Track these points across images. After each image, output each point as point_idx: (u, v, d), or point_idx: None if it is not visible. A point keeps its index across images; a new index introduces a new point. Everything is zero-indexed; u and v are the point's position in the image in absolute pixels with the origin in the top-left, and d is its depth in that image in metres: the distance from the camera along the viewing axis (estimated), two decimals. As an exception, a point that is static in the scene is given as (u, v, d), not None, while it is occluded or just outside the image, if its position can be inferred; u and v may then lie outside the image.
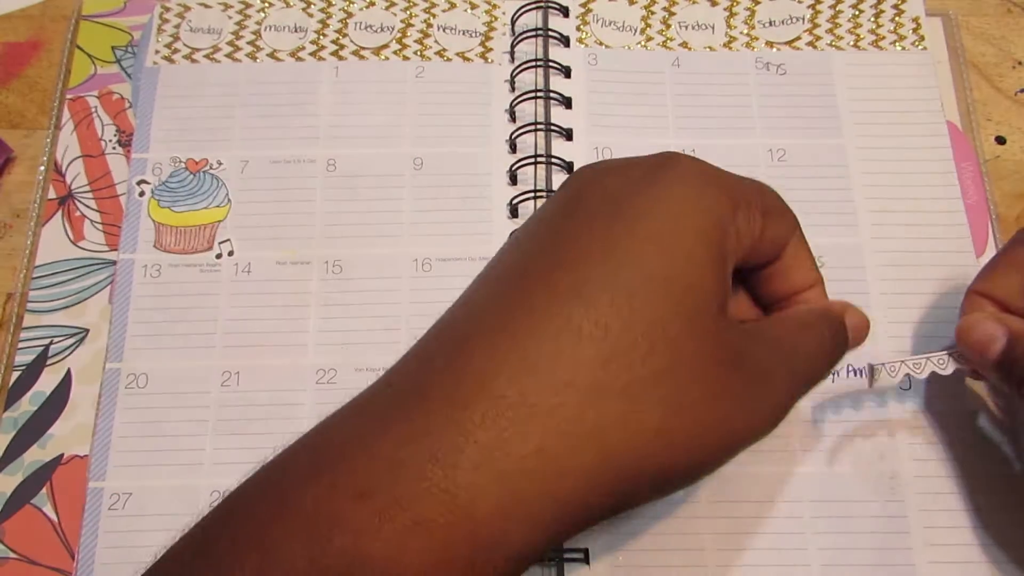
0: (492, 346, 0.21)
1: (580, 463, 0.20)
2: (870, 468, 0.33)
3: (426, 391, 0.21)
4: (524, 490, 0.20)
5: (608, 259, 0.21)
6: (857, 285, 0.36)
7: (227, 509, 0.21)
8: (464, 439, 0.20)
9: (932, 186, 0.37)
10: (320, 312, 0.35)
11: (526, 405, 0.20)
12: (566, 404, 0.20)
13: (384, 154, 0.38)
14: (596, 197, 0.23)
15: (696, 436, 0.21)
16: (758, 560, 0.32)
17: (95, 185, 0.38)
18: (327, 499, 0.19)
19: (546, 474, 0.20)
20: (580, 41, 0.40)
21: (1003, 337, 0.29)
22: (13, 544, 0.32)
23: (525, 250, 0.23)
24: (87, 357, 0.35)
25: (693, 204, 0.22)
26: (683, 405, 0.21)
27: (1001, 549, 0.32)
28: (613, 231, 0.22)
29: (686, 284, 0.21)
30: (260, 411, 0.34)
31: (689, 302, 0.21)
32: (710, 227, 0.22)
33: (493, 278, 0.23)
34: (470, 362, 0.21)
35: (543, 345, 0.20)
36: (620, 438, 0.20)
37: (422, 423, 0.20)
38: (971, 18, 0.42)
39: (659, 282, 0.21)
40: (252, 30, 0.41)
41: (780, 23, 0.41)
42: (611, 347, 0.20)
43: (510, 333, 0.21)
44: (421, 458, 0.19)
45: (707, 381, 0.21)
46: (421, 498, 0.19)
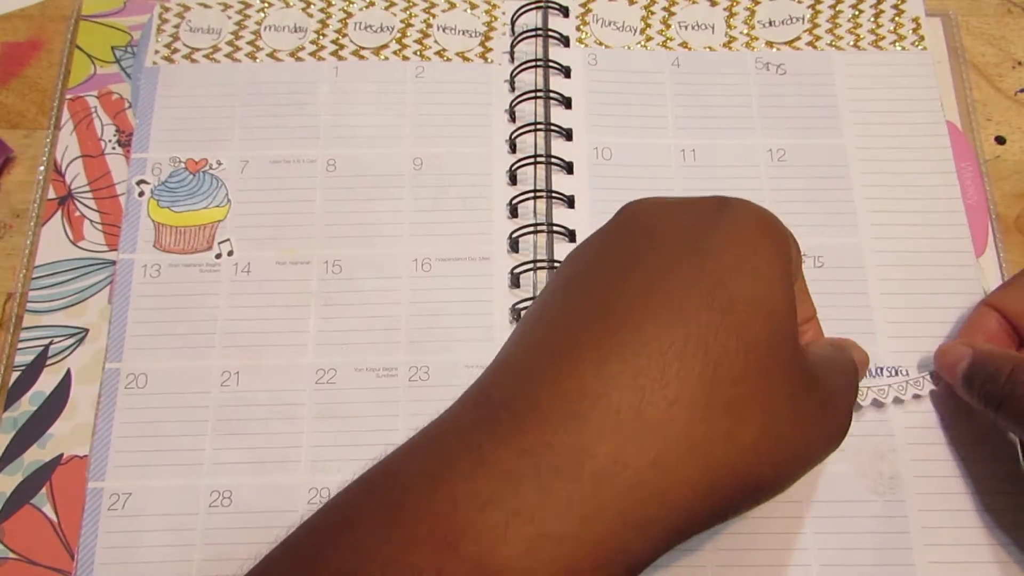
0: (602, 362, 0.21)
1: (689, 476, 0.21)
2: (870, 468, 0.33)
3: (537, 403, 0.21)
4: (642, 502, 0.20)
5: (699, 284, 0.22)
6: (856, 285, 0.36)
7: (339, 518, 0.22)
8: (584, 453, 0.20)
9: (932, 186, 0.37)
10: (320, 312, 0.35)
11: (642, 419, 0.21)
12: (676, 420, 0.21)
13: (384, 154, 0.38)
14: (671, 230, 0.24)
15: (783, 453, 0.23)
16: (758, 560, 0.32)
17: (95, 185, 0.38)
18: (451, 509, 0.20)
19: (661, 486, 0.21)
20: (580, 41, 0.40)
21: (967, 357, 0.32)
22: (13, 544, 0.32)
23: (605, 273, 0.24)
24: (87, 357, 0.35)
25: (766, 237, 0.25)
26: (772, 424, 0.22)
27: (1001, 549, 0.32)
28: (700, 260, 0.23)
29: (770, 308, 0.23)
30: (260, 411, 0.34)
31: (773, 326, 0.23)
32: (780, 258, 0.24)
33: (573, 297, 0.24)
34: (582, 377, 0.21)
35: (651, 362, 0.21)
36: (723, 453, 0.21)
37: (537, 435, 0.21)
38: (971, 18, 0.42)
39: (746, 306, 0.22)
40: (252, 30, 0.41)
41: (780, 23, 0.41)
42: (713, 366, 0.21)
43: (617, 351, 0.21)
44: (543, 470, 0.20)
45: (792, 402, 0.23)
46: (545, 510, 0.20)
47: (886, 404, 0.33)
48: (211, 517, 0.32)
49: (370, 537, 0.20)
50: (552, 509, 0.20)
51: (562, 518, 0.20)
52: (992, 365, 0.31)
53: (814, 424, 0.24)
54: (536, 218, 0.37)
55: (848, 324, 0.34)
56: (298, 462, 0.33)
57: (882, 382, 0.34)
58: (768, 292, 0.23)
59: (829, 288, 0.35)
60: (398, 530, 0.20)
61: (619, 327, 0.22)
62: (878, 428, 0.33)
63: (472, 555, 0.19)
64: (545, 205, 0.37)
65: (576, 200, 0.37)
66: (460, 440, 0.22)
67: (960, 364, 0.32)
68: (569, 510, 0.20)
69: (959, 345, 0.33)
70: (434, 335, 0.35)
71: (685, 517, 0.21)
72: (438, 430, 0.23)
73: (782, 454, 0.23)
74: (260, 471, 0.33)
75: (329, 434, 0.33)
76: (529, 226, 0.36)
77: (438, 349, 0.35)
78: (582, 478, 0.20)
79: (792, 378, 0.23)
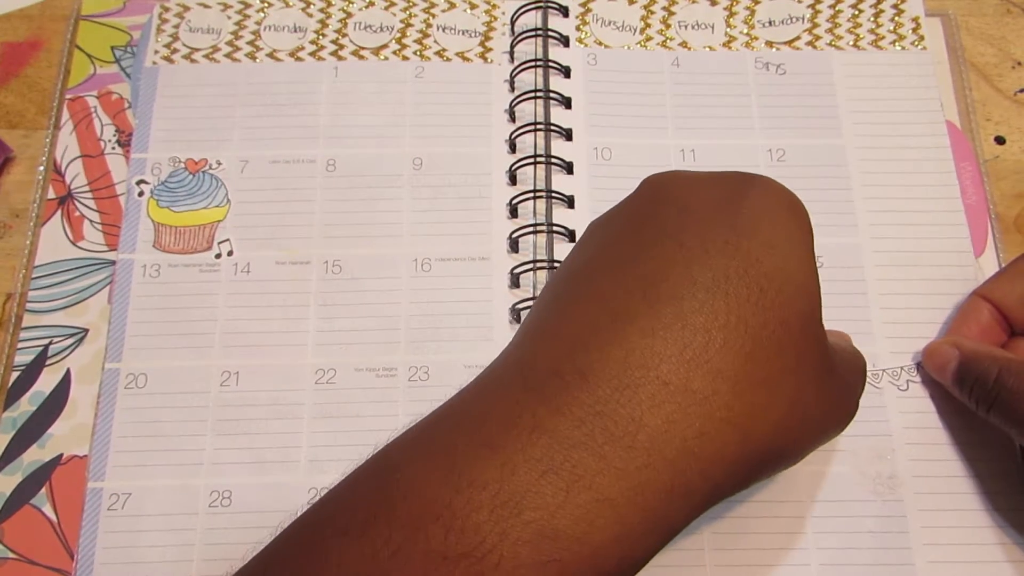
0: (647, 333, 0.22)
1: (727, 447, 0.22)
2: (869, 468, 0.33)
3: (588, 373, 0.21)
4: (686, 471, 0.21)
5: (736, 260, 0.23)
6: (856, 285, 0.36)
7: (390, 478, 0.22)
8: (637, 423, 0.21)
9: (931, 186, 0.37)
10: (319, 312, 0.35)
11: (689, 391, 0.21)
12: (719, 392, 0.21)
13: (383, 154, 0.38)
14: (701, 201, 0.25)
15: (805, 428, 0.24)
16: (757, 560, 0.32)
17: (94, 185, 0.38)
18: (511, 475, 0.20)
19: (704, 457, 0.21)
20: (580, 41, 0.40)
21: (956, 359, 0.32)
22: (12, 544, 0.32)
23: (639, 245, 0.24)
24: (86, 357, 0.35)
25: (794, 216, 0.25)
26: (800, 400, 0.23)
27: (1000, 549, 0.32)
28: (736, 236, 0.23)
29: (802, 286, 0.23)
30: (259, 411, 0.34)
31: (803, 304, 0.23)
32: (807, 236, 0.25)
33: (607, 268, 0.24)
34: (630, 348, 0.22)
35: (697, 336, 0.22)
36: (758, 426, 0.22)
37: (591, 405, 0.21)
38: (971, 18, 0.42)
39: (782, 283, 0.23)
40: (251, 30, 0.41)
41: (780, 23, 0.41)
42: (753, 341, 0.22)
43: (663, 323, 0.22)
44: (599, 439, 0.21)
45: (817, 381, 0.24)
46: (601, 476, 0.20)
47: (881, 388, 0.34)
48: (211, 517, 0.32)
49: (430, 499, 0.20)
50: (609, 476, 0.20)
51: (618, 485, 0.20)
52: (979, 367, 0.31)
53: (833, 404, 0.25)
54: (536, 218, 0.37)
55: (847, 324, 0.34)
56: (298, 462, 0.33)
57: (878, 366, 0.34)
58: (799, 269, 0.24)
59: (828, 288, 0.35)
60: (460, 494, 0.20)
61: (662, 299, 0.22)
62: (877, 428, 0.33)
63: (534, 520, 0.20)
64: (545, 205, 0.37)
65: (576, 200, 0.37)
66: (510, 408, 0.22)
67: (949, 366, 0.32)
68: (625, 477, 0.21)
69: (946, 346, 0.33)
70: (434, 335, 0.35)
71: (719, 485, 0.22)
72: (484, 398, 0.23)
73: (804, 430, 0.24)
74: (260, 471, 0.33)
75: (329, 434, 0.33)
76: (529, 226, 0.36)
77: (438, 349, 0.35)
78: (636, 446, 0.21)
79: (820, 357, 0.24)
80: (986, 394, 0.30)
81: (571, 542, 0.20)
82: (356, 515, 0.21)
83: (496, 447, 0.21)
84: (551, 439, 0.21)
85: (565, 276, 0.26)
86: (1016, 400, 0.30)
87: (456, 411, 0.23)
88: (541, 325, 0.24)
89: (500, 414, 0.22)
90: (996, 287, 0.33)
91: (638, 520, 0.21)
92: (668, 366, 0.21)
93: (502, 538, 0.20)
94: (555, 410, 0.21)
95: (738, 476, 0.23)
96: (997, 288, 0.33)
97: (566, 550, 0.20)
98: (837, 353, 0.26)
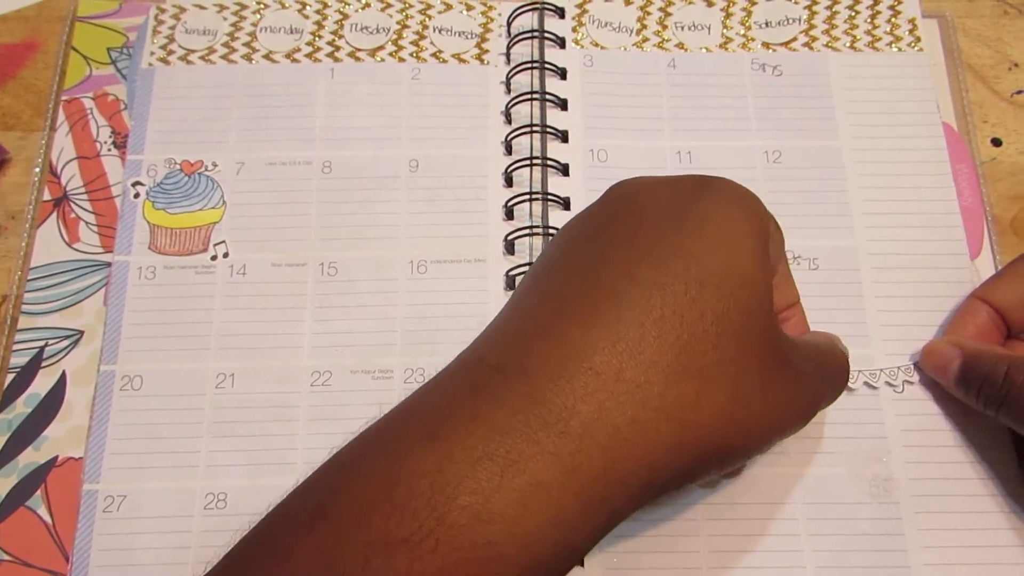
0: (585, 327, 0.23)
1: (662, 435, 0.23)
2: (865, 470, 0.33)
3: (527, 367, 0.23)
4: (621, 457, 0.22)
5: (679, 256, 0.24)
6: (851, 287, 0.36)
7: (340, 473, 0.23)
8: (569, 411, 0.22)
9: (928, 188, 0.37)
10: (315, 314, 0.35)
11: (621, 381, 0.22)
12: (652, 382, 0.23)
13: (380, 156, 0.38)
14: (655, 206, 0.26)
15: (750, 422, 0.24)
16: (753, 562, 0.32)
17: (90, 187, 0.38)
18: (450, 463, 0.21)
19: (638, 443, 0.22)
20: (576, 43, 0.40)
21: (958, 359, 0.32)
22: (7, 546, 0.32)
23: (594, 247, 0.26)
24: (82, 359, 0.35)
25: (744, 213, 0.26)
26: (742, 393, 0.24)
27: (996, 551, 0.32)
28: (680, 236, 0.25)
29: (745, 281, 0.24)
30: (255, 413, 0.34)
31: (748, 298, 0.24)
32: (757, 234, 0.26)
33: (564, 269, 0.26)
34: (566, 342, 0.23)
35: (631, 330, 0.23)
36: (694, 415, 0.23)
37: (527, 395, 0.22)
38: (967, 20, 0.41)
39: (724, 277, 0.24)
40: (248, 31, 0.41)
41: (776, 24, 0.41)
42: (688, 333, 0.23)
43: (600, 318, 0.23)
44: (533, 425, 0.22)
45: (761, 374, 0.24)
46: (534, 461, 0.21)
47: (878, 388, 0.34)
48: (206, 519, 0.32)
49: (374, 490, 0.21)
50: (542, 460, 0.21)
51: (551, 469, 0.21)
52: (986, 366, 0.31)
53: (785, 399, 0.25)
54: (532, 220, 0.37)
55: (843, 327, 0.34)
56: (293, 464, 0.33)
57: (874, 367, 0.34)
58: (744, 265, 0.24)
59: (824, 291, 0.35)
60: (401, 486, 0.21)
61: (604, 297, 0.24)
62: (873, 431, 0.33)
63: (469, 504, 0.21)
64: (541, 207, 0.37)
65: (572, 202, 0.37)
66: (456, 402, 0.23)
67: (951, 366, 0.32)
68: (557, 461, 0.21)
69: (947, 346, 0.33)
70: (429, 337, 0.35)
71: (658, 473, 0.23)
72: (433, 393, 0.24)
73: (750, 422, 0.24)
74: (255, 473, 0.33)
75: (324, 436, 0.33)
76: (525, 228, 0.36)
77: (433, 351, 0.35)
78: (568, 432, 0.22)
79: (765, 350, 0.25)
80: (995, 393, 0.30)
81: (506, 524, 0.21)
82: (306, 512, 0.22)
83: (437, 438, 0.22)
84: (488, 428, 0.22)
85: (527, 280, 0.27)
86: None
87: (407, 408, 0.24)
88: (496, 324, 0.26)
89: (445, 408, 0.23)
90: (995, 289, 0.33)
91: (573, 504, 0.22)
92: (601, 357, 0.22)
93: (439, 522, 0.20)
94: (494, 401, 0.22)
95: (678, 466, 0.23)
96: (996, 290, 0.33)
97: (501, 532, 0.21)
98: (799, 349, 0.27)
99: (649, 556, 0.31)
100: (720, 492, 0.32)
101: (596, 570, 0.31)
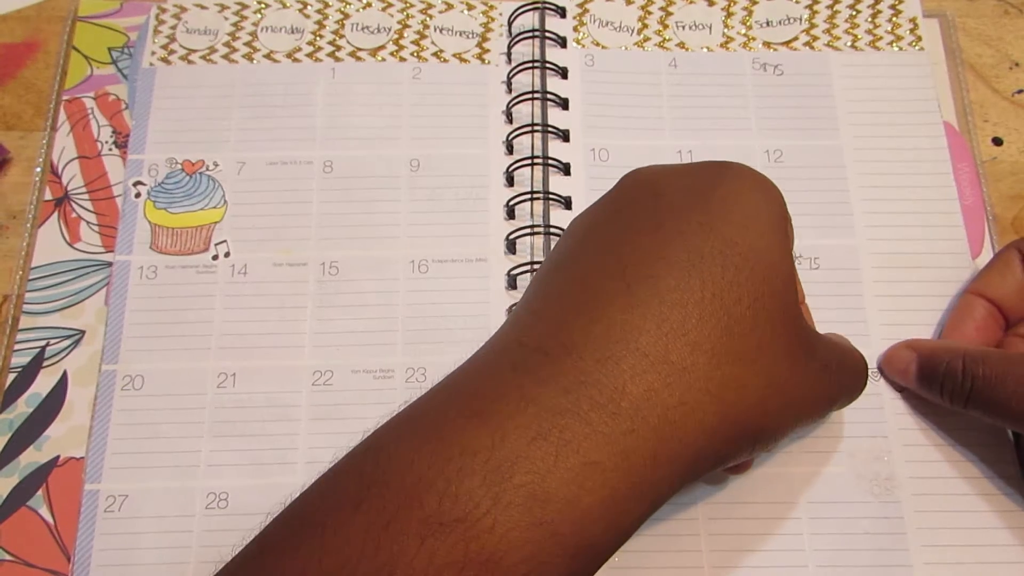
0: (625, 309, 0.23)
1: (706, 417, 0.22)
2: (866, 469, 0.33)
3: (572, 348, 0.22)
4: (669, 439, 0.22)
5: (710, 240, 0.24)
6: (852, 287, 0.36)
7: (383, 452, 0.22)
8: (619, 391, 0.22)
9: (929, 187, 0.37)
10: (316, 313, 0.35)
11: (668, 363, 0.22)
12: (698, 364, 0.22)
13: (381, 155, 0.38)
14: (676, 188, 0.26)
15: (781, 407, 0.24)
16: (755, 561, 0.32)
17: (91, 186, 0.38)
18: (502, 442, 0.21)
19: (684, 425, 0.22)
20: (577, 42, 0.40)
21: (914, 362, 0.33)
22: (9, 546, 0.32)
23: (616, 231, 0.25)
24: (83, 359, 0.35)
25: (766, 197, 0.26)
26: (775, 378, 0.24)
27: (997, 549, 0.32)
28: (709, 218, 0.24)
29: (775, 264, 0.24)
30: (256, 413, 0.34)
31: (778, 282, 0.24)
32: (781, 219, 0.26)
33: (587, 254, 0.25)
34: (610, 323, 0.23)
35: (674, 311, 0.23)
36: (737, 398, 0.23)
37: (575, 376, 0.22)
38: (968, 19, 0.41)
39: (755, 262, 0.24)
40: (248, 31, 0.41)
41: (777, 23, 0.41)
42: (728, 316, 0.23)
43: (639, 300, 0.23)
44: (585, 406, 0.21)
45: (792, 361, 0.24)
46: (588, 441, 0.21)
47: (878, 383, 0.34)
48: (207, 519, 0.32)
49: (424, 467, 0.21)
50: (596, 441, 0.21)
51: (605, 449, 0.21)
52: (942, 363, 0.31)
53: (812, 385, 0.25)
54: (533, 220, 0.37)
55: (844, 326, 0.34)
56: (295, 464, 0.33)
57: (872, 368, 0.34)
58: (772, 249, 0.24)
59: (825, 290, 0.35)
60: (452, 463, 0.21)
61: (640, 279, 0.23)
62: (874, 430, 0.33)
63: (525, 483, 0.20)
64: (542, 207, 0.37)
65: (573, 201, 0.37)
66: (499, 383, 0.22)
67: (909, 369, 0.33)
68: (611, 442, 0.21)
69: (903, 350, 0.33)
70: (431, 337, 0.35)
71: (700, 456, 0.23)
72: (469, 377, 0.24)
73: (782, 408, 0.24)
74: (256, 473, 0.33)
75: (326, 436, 0.33)
76: (526, 227, 0.36)
77: (435, 351, 0.35)
78: (620, 413, 0.21)
79: (794, 338, 0.24)
80: (959, 389, 0.30)
81: (562, 504, 0.20)
82: (348, 492, 0.21)
83: (486, 417, 0.21)
84: (539, 407, 0.21)
85: (549, 268, 0.26)
86: (991, 387, 0.29)
87: (445, 391, 0.24)
88: (526, 310, 0.25)
89: (488, 389, 0.22)
90: (987, 282, 0.33)
91: (625, 485, 0.21)
92: (647, 339, 0.22)
93: (495, 502, 0.20)
94: (541, 381, 0.22)
95: (718, 449, 0.23)
96: (988, 283, 0.33)
97: (557, 512, 0.20)
98: (823, 340, 0.27)
99: (651, 555, 0.31)
100: (722, 491, 0.32)
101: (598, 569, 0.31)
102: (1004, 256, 0.33)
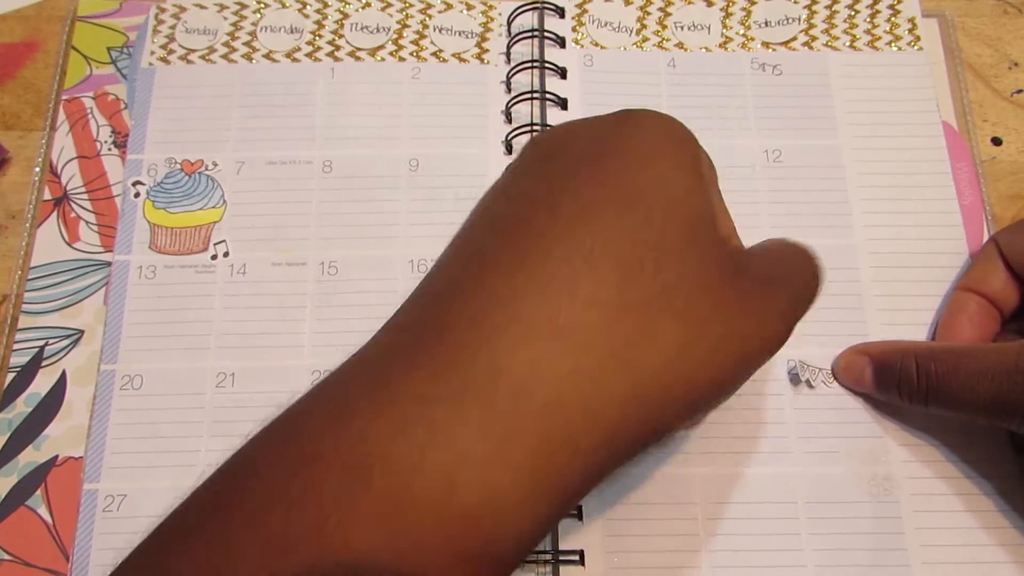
0: (507, 273, 0.20)
1: (612, 383, 0.20)
2: (864, 469, 0.33)
3: (444, 326, 0.20)
4: (564, 416, 0.19)
5: (602, 186, 0.22)
6: (851, 287, 0.36)
7: (243, 468, 0.20)
8: (497, 370, 0.19)
9: (928, 187, 0.37)
10: (315, 313, 0.35)
11: (555, 327, 0.19)
12: (591, 322, 0.20)
13: (380, 155, 0.38)
14: (577, 144, 0.24)
15: (713, 350, 0.21)
16: (753, 561, 0.32)
17: (90, 186, 0.38)
18: (360, 443, 0.19)
19: (583, 396, 0.19)
20: (576, 42, 0.40)
21: (868, 366, 0.32)
22: (7, 546, 0.32)
23: (514, 194, 0.23)
24: (82, 358, 0.35)
25: (668, 139, 0.23)
26: (696, 317, 0.21)
27: (995, 549, 0.32)
28: (600, 166, 0.22)
29: (677, 201, 0.22)
30: (255, 413, 0.33)
31: (682, 215, 0.22)
32: (686, 156, 0.23)
33: (480, 226, 0.23)
34: (490, 297, 0.20)
35: (560, 268, 0.20)
36: (646, 356, 0.20)
37: (447, 357, 0.19)
38: (967, 19, 0.42)
39: (654, 202, 0.21)
40: (248, 31, 0.41)
41: (776, 24, 0.41)
42: (623, 264, 0.20)
43: (523, 263, 0.21)
44: (456, 391, 0.19)
45: (713, 290, 0.21)
46: (461, 432, 0.18)
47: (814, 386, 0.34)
48: (206, 518, 0.32)
49: (272, 485, 0.19)
50: (468, 430, 0.18)
51: (479, 440, 0.18)
52: (895, 365, 0.31)
53: (746, 314, 0.22)
54: (532, 219, 0.37)
55: (842, 326, 0.35)
56: (293, 463, 0.33)
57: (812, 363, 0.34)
58: (675, 186, 0.22)
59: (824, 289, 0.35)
60: (299, 475, 0.19)
61: (523, 241, 0.21)
62: (871, 430, 0.33)
63: (385, 489, 0.18)
64: (541, 206, 0.37)
65: (572, 201, 0.37)
66: (367, 373, 0.20)
67: (864, 375, 0.32)
68: (487, 430, 0.19)
69: (855, 356, 0.33)
70: (429, 336, 0.35)
71: (615, 431, 0.20)
72: (343, 368, 0.22)
73: (715, 353, 0.21)
74: (255, 472, 0.33)
75: (324, 435, 0.33)
76: (525, 227, 0.36)
77: (434, 350, 0.35)
78: (497, 395, 0.19)
79: (712, 266, 0.22)
80: (917, 389, 0.30)
81: (429, 507, 0.18)
82: (192, 514, 0.20)
83: (347, 418, 0.19)
84: (403, 399, 0.19)
85: (448, 245, 0.25)
86: (945, 383, 0.29)
87: (317, 390, 0.22)
88: (415, 291, 0.23)
89: (356, 383, 0.20)
90: (974, 277, 0.34)
91: (510, 477, 0.18)
92: (530, 304, 0.20)
93: (350, 512, 0.18)
94: (410, 368, 0.20)
95: (639, 418, 0.20)
96: (976, 277, 0.34)
97: (425, 518, 0.18)
98: (756, 256, 0.24)
99: (650, 555, 0.31)
100: (720, 491, 0.32)
101: (597, 570, 0.31)
102: (986, 250, 0.34)
